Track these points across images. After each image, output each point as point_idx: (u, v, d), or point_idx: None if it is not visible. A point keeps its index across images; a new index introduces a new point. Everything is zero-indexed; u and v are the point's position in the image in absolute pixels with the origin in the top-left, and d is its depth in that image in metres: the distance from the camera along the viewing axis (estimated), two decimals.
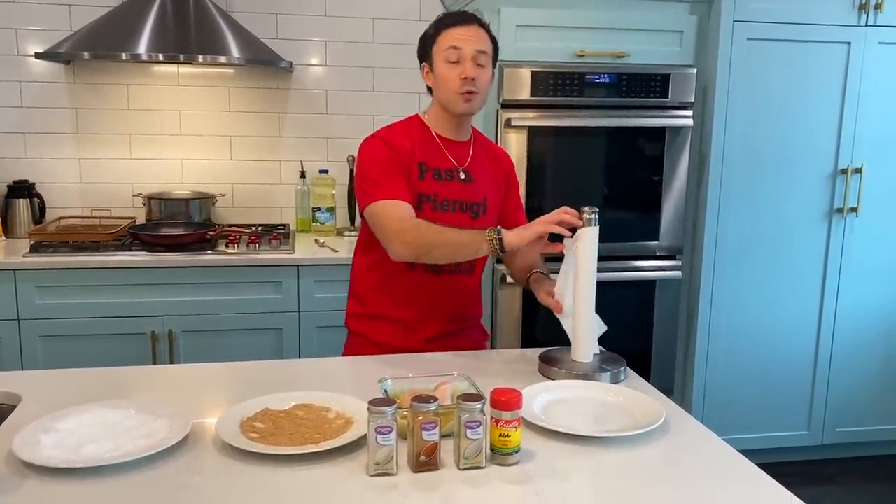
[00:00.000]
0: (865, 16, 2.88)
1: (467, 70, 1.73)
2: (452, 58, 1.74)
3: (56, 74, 3.09)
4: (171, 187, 3.22)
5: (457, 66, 1.74)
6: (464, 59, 1.74)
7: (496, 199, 1.92)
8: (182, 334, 2.72)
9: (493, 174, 1.92)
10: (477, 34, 1.76)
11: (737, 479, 1.21)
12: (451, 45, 1.74)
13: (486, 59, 1.77)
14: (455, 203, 1.82)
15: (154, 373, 1.77)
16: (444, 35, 1.76)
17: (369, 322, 1.89)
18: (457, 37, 1.74)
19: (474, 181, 1.85)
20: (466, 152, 1.86)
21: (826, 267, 3.04)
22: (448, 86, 1.76)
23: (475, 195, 1.85)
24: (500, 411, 1.21)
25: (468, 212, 1.83)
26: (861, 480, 3.11)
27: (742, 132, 2.90)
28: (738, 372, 3.07)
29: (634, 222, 2.92)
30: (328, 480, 1.17)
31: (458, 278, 1.86)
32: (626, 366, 1.67)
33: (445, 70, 1.75)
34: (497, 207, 1.93)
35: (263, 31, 3.12)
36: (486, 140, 1.98)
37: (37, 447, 1.20)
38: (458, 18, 1.78)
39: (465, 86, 1.74)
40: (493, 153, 1.95)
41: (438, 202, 1.80)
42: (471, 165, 1.86)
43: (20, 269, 2.61)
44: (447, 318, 1.86)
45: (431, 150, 1.82)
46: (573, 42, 2.77)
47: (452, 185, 1.82)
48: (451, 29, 1.76)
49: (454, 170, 1.83)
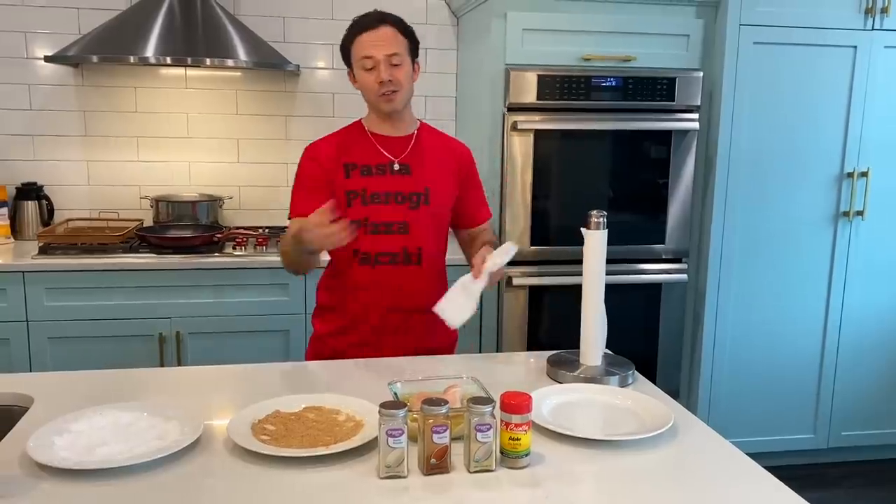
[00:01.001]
0: (872, 20, 2.88)
1: (382, 75, 1.81)
2: (368, 65, 1.82)
3: (64, 77, 3.10)
4: (179, 190, 3.23)
5: (373, 72, 1.82)
6: (377, 64, 1.81)
7: (446, 188, 1.94)
8: (189, 336, 2.73)
9: (443, 164, 1.94)
10: (386, 37, 1.82)
11: (746, 482, 1.21)
12: (364, 54, 1.82)
13: (401, 58, 1.83)
14: (388, 195, 1.87)
15: (164, 375, 1.78)
16: (356, 44, 1.84)
17: (320, 314, 2.01)
18: (368, 44, 1.81)
19: (412, 172, 1.89)
20: (405, 145, 1.91)
21: (832, 270, 3.04)
22: (369, 91, 1.85)
23: (414, 185, 1.89)
24: (510, 414, 1.22)
25: (407, 202, 1.88)
26: (867, 484, 3.10)
27: (748, 135, 2.90)
28: (744, 375, 3.07)
29: (640, 225, 2.93)
30: (339, 482, 1.17)
31: (396, 269, 1.88)
32: (634, 369, 1.68)
33: (364, 77, 1.84)
34: (449, 197, 1.96)
35: (271, 35, 3.13)
36: (439, 134, 2.02)
37: (51, 449, 1.21)
38: (366, 23, 1.83)
39: (382, 88, 1.82)
40: (447, 145, 1.99)
41: (368, 196, 1.86)
42: (409, 158, 1.90)
43: (29, 271, 2.62)
44: (386, 308, 1.88)
45: (363, 148, 1.90)
46: (580, 46, 2.78)
47: (384, 178, 1.88)
48: (361, 36, 1.83)
49: (387, 164, 1.89)
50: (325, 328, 1.97)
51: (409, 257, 1.88)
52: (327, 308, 1.98)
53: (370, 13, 1.87)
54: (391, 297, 1.87)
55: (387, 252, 1.88)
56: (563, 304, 2.83)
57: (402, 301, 1.88)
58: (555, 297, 2.87)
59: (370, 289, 1.87)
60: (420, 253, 1.89)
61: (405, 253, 1.88)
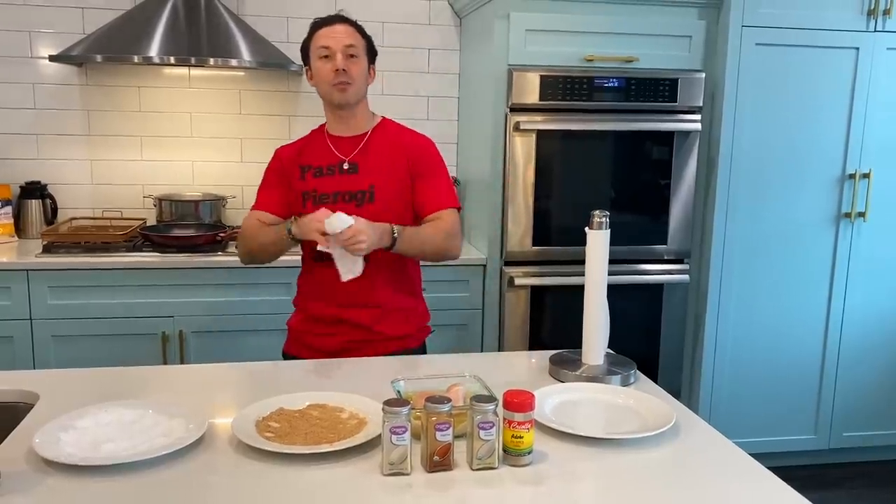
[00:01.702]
0: (874, 21, 2.88)
1: (338, 62, 1.87)
2: (323, 54, 1.89)
3: (68, 77, 3.11)
4: (182, 189, 3.24)
5: (329, 61, 1.88)
6: (333, 53, 1.88)
7: (392, 185, 1.94)
8: (192, 335, 2.74)
9: (393, 161, 1.96)
10: (344, 31, 1.91)
11: (748, 481, 1.22)
12: (321, 44, 1.89)
13: (357, 51, 1.90)
14: (335, 195, 1.93)
15: (169, 373, 1.79)
16: (315, 36, 1.92)
17: (294, 315, 2.09)
18: (325, 36, 1.90)
19: (359, 171, 1.94)
20: (355, 145, 1.97)
21: (833, 271, 3.05)
22: (323, 79, 1.91)
23: (359, 184, 1.93)
24: (512, 412, 1.22)
25: (353, 201, 1.92)
26: (868, 485, 3.11)
27: (750, 137, 2.91)
28: (746, 375, 3.07)
29: (642, 226, 2.93)
30: (343, 479, 1.18)
31: None
32: (636, 368, 1.68)
33: (320, 66, 1.90)
34: (399, 193, 1.95)
35: (274, 34, 3.14)
36: (398, 130, 2.03)
37: (57, 445, 1.22)
38: (325, 21, 1.93)
39: (337, 77, 1.87)
40: (400, 141, 1.99)
41: (318, 196, 1.93)
42: (358, 157, 1.95)
43: (33, 270, 2.63)
44: (337, 302, 1.93)
45: (318, 150, 1.98)
46: (582, 47, 2.79)
47: (333, 178, 1.94)
48: (320, 30, 1.92)
49: (337, 164, 1.95)
50: (295, 320, 2.08)
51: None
52: (298, 304, 2.09)
53: (331, 15, 1.95)
54: (342, 293, 1.88)
55: None
56: (565, 304, 2.83)
57: (352, 298, 1.91)
58: (556, 298, 2.88)
59: (324, 284, 1.93)
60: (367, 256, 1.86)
61: None
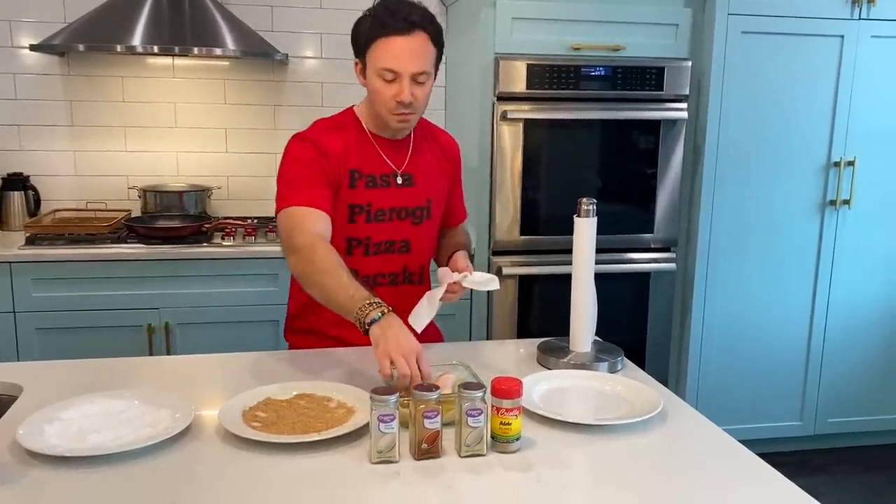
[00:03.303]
0: (858, 9, 2.89)
1: (404, 93, 1.55)
2: (388, 77, 1.56)
3: (50, 66, 3.07)
4: (167, 180, 3.21)
5: (392, 85, 1.56)
6: (400, 80, 1.55)
7: (443, 195, 1.78)
8: (178, 327, 2.73)
9: (438, 168, 1.77)
10: (419, 49, 1.54)
11: (733, 465, 1.23)
12: (386, 66, 1.54)
13: (427, 77, 1.58)
14: (392, 211, 1.68)
15: (155, 363, 1.78)
16: (379, 46, 1.55)
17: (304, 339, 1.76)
18: (394, 54, 1.53)
19: (415, 184, 1.70)
20: (405, 151, 1.70)
21: (819, 259, 3.07)
22: (383, 104, 1.59)
23: (417, 199, 1.71)
24: (500, 399, 1.22)
25: (409, 218, 1.70)
26: (852, 470, 3.14)
27: (736, 125, 2.92)
28: (732, 363, 3.09)
29: (629, 215, 2.94)
30: (331, 468, 1.18)
31: (395, 290, 1.67)
32: (623, 355, 1.69)
33: (380, 86, 1.58)
34: (444, 204, 1.80)
35: (258, 24, 3.11)
36: (431, 127, 1.82)
37: (41, 436, 1.21)
38: (396, 26, 1.53)
39: (400, 108, 1.58)
40: (438, 142, 1.80)
41: (373, 213, 1.65)
42: (410, 166, 1.71)
43: (16, 262, 2.60)
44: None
45: (366, 153, 1.66)
46: (569, 35, 2.78)
47: (388, 191, 1.66)
48: (388, 39, 1.53)
49: (391, 174, 1.68)
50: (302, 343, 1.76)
51: (409, 277, 1.72)
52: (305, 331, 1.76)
53: (400, 9, 1.55)
54: None
55: (387, 273, 1.70)
56: (553, 293, 2.84)
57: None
58: (544, 287, 2.88)
59: None
60: (421, 272, 1.74)
61: (405, 272, 1.72)
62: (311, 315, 1.73)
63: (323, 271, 1.46)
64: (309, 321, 1.76)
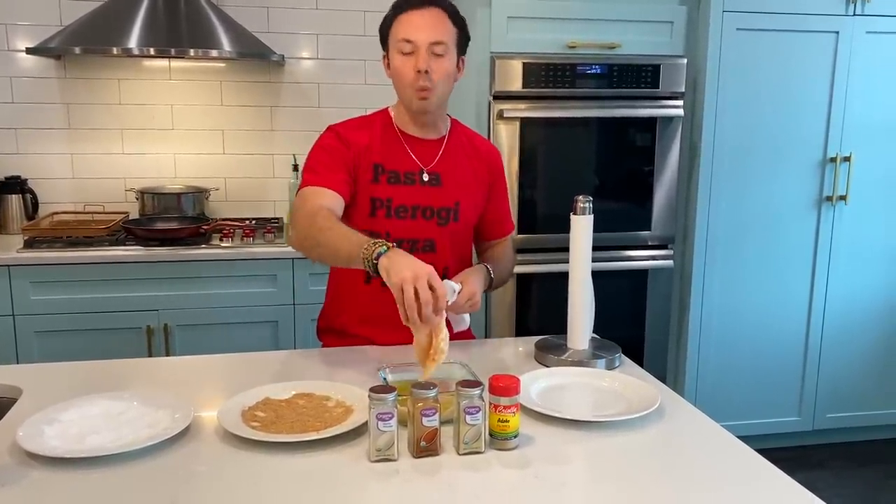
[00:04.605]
0: (853, 6, 2.90)
1: (420, 62, 1.58)
2: (405, 49, 1.60)
3: (47, 69, 3.07)
4: (164, 182, 3.21)
5: (410, 58, 1.60)
6: (417, 50, 1.59)
7: (476, 200, 1.78)
8: (177, 328, 2.73)
9: (473, 173, 1.77)
10: (434, 21, 1.60)
11: (732, 461, 1.23)
12: (404, 36, 1.60)
13: (446, 49, 1.61)
14: (415, 209, 1.67)
15: (154, 365, 1.78)
16: (398, 22, 1.62)
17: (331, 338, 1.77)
18: (411, 25, 1.60)
19: (443, 184, 1.70)
20: (435, 151, 1.71)
21: (816, 254, 3.07)
22: (402, 80, 1.63)
23: (443, 199, 1.70)
24: (498, 397, 1.23)
25: (434, 218, 1.69)
26: (851, 465, 3.15)
27: (732, 122, 2.92)
28: (730, 359, 3.10)
29: (626, 212, 2.95)
30: (330, 467, 1.18)
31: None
32: (621, 352, 1.69)
33: (399, 62, 1.62)
34: (477, 210, 1.79)
35: (254, 25, 3.11)
36: (471, 134, 1.82)
37: (41, 438, 1.21)
38: (414, 2, 1.61)
39: (419, 80, 1.60)
40: (476, 149, 1.80)
41: (393, 208, 1.66)
42: (439, 166, 1.71)
43: (14, 265, 2.60)
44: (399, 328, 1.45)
45: (392, 149, 1.69)
46: (564, 33, 2.79)
47: (413, 188, 1.68)
48: (406, 14, 1.61)
49: (417, 172, 1.69)
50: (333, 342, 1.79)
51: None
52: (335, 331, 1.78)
53: None
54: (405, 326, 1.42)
55: None
56: (550, 291, 2.84)
57: None
58: (542, 285, 2.89)
59: (383, 314, 1.57)
60: (446, 274, 1.65)
61: None
62: (339, 315, 1.76)
63: (323, 228, 1.50)
64: (338, 321, 1.78)
